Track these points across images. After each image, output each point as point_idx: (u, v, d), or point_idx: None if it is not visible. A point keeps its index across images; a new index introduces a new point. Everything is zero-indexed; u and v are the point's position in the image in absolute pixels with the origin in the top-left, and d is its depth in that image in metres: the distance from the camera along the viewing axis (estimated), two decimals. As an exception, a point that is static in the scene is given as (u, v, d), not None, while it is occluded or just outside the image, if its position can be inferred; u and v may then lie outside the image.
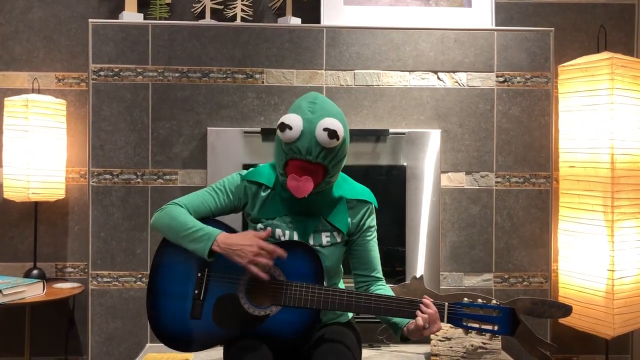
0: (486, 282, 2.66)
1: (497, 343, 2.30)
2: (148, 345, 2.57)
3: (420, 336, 1.75)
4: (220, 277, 1.84)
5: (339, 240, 1.93)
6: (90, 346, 2.59)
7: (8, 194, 2.68)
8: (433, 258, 2.59)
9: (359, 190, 1.97)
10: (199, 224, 1.82)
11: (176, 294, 1.86)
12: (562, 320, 2.56)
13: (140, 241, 2.61)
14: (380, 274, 1.99)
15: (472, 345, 2.30)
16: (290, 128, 1.76)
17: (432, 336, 2.34)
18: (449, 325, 1.81)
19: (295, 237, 1.90)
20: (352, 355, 1.80)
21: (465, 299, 1.77)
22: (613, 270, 2.43)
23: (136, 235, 2.60)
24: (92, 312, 2.60)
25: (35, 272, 2.70)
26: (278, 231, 1.90)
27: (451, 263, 2.65)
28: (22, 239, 2.81)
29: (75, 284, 2.70)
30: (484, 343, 2.30)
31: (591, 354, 2.89)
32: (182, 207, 1.88)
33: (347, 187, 1.97)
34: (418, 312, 1.73)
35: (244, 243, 1.76)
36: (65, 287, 2.65)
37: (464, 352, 2.30)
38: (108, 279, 2.61)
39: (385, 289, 1.97)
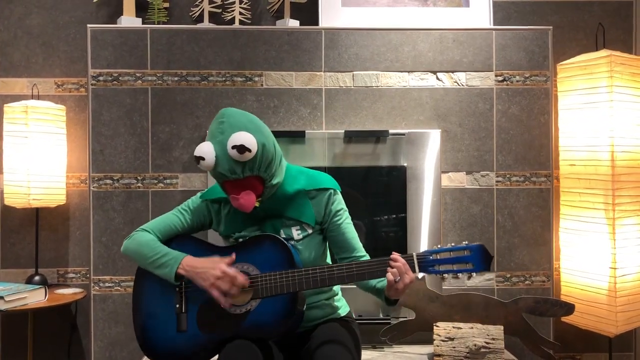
0: (488, 281, 2.66)
1: (500, 343, 2.29)
2: (151, 349, 2.57)
3: (398, 293, 1.77)
4: (198, 287, 1.85)
5: (310, 231, 1.95)
6: (93, 351, 2.59)
7: (9, 201, 2.68)
8: (435, 258, 2.59)
9: (318, 179, 1.97)
10: (164, 250, 1.88)
11: (160, 313, 1.90)
12: (564, 319, 2.56)
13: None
14: (361, 252, 2.00)
15: (475, 345, 2.29)
16: (203, 159, 1.79)
17: (435, 336, 2.34)
18: (424, 274, 1.82)
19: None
20: (352, 356, 1.81)
21: (435, 245, 1.79)
22: (615, 268, 2.42)
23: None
24: (95, 318, 2.59)
25: (37, 278, 2.70)
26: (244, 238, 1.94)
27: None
28: (23, 245, 2.81)
29: (77, 290, 2.70)
30: (487, 343, 2.29)
31: (594, 352, 2.88)
32: (149, 232, 1.94)
33: (304, 179, 1.97)
34: (388, 269, 1.75)
35: (208, 266, 1.81)
36: (67, 293, 2.65)
37: (467, 352, 2.30)
38: (110, 284, 2.61)
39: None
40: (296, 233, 1.94)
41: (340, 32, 2.65)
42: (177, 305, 1.88)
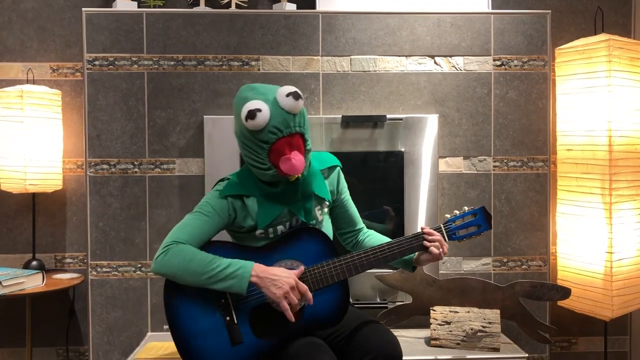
0: (485, 266, 2.67)
1: (496, 327, 2.31)
2: (149, 334, 2.58)
3: (436, 261, 1.91)
4: (243, 295, 1.80)
5: (326, 210, 1.98)
6: (91, 336, 2.60)
7: (5, 186, 2.67)
8: (432, 243, 2.59)
9: (325, 158, 2.00)
10: (225, 260, 1.75)
11: (208, 330, 1.80)
12: (561, 303, 2.57)
13: (139, 231, 2.60)
14: (361, 224, 2.08)
15: (471, 329, 2.31)
16: (260, 110, 1.72)
17: (431, 320, 2.35)
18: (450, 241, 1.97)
19: (296, 222, 1.92)
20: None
21: (446, 215, 1.96)
22: (611, 253, 2.43)
23: (135, 224, 2.60)
24: (92, 302, 2.60)
25: (34, 263, 2.70)
26: (280, 228, 1.91)
27: (450, 248, 2.64)
28: (20, 231, 2.81)
29: (75, 275, 2.70)
30: (483, 327, 2.31)
31: (590, 335, 2.90)
32: (186, 244, 1.78)
33: (315, 159, 1.98)
34: (426, 243, 1.87)
35: (282, 274, 1.74)
36: (65, 278, 2.65)
37: (464, 336, 2.31)
38: (107, 269, 2.61)
39: (374, 234, 2.06)
40: (318, 214, 1.95)
41: (337, 15, 2.63)
42: (228, 318, 1.79)
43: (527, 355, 2.29)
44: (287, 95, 1.74)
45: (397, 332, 2.51)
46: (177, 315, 1.80)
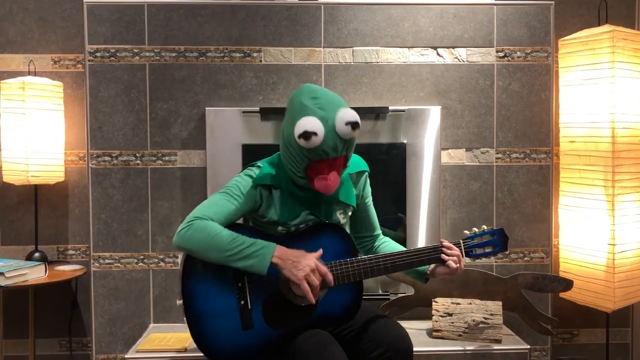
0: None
1: (498, 318, 2.31)
2: (151, 325, 2.59)
3: (452, 276, 1.92)
4: (260, 281, 1.81)
5: (349, 214, 1.99)
6: (94, 327, 2.61)
7: (7, 178, 2.67)
8: (434, 235, 2.59)
9: (355, 162, 2.00)
10: (247, 239, 1.75)
11: (221, 312, 1.80)
12: (563, 295, 2.57)
13: (141, 222, 2.61)
14: (379, 230, 2.09)
15: (473, 321, 2.31)
16: (316, 134, 1.69)
17: (433, 312, 2.36)
18: (467, 258, 2.00)
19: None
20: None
21: (466, 231, 1.99)
22: (614, 244, 2.43)
23: (137, 216, 2.60)
24: (95, 294, 2.61)
25: (37, 254, 2.71)
26: (301, 225, 1.92)
27: (452, 239, 2.64)
28: (23, 222, 2.81)
29: (77, 266, 2.71)
30: (485, 318, 2.31)
31: (592, 327, 2.91)
32: (211, 220, 1.77)
33: None
34: (444, 257, 1.88)
35: (303, 258, 1.74)
36: (68, 270, 2.65)
37: (466, 328, 2.32)
38: (110, 261, 2.61)
39: (390, 241, 2.07)
40: (341, 217, 1.95)
41: (339, 6, 2.62)
42: (242, 302, 1.79)
43: (529, 346, 2.29)
44: (347, 124, 1.72)
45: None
46: (192, 292, 1.80)
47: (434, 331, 2.35)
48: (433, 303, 2.37)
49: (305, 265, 1.71)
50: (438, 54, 2.65)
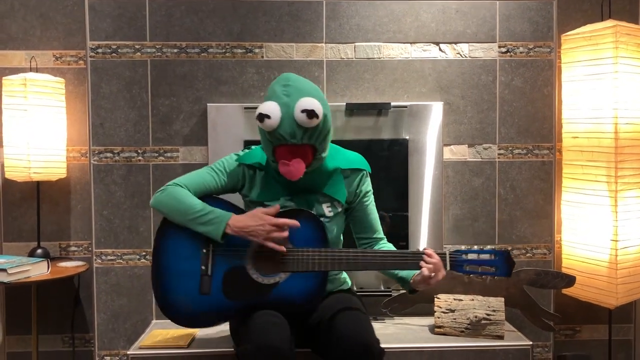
0: (489, 254, 2.66)
1: (500, 314, 2.31)
2: (154, 321, 2.59)
3: (427, 286, 1.85)
4: (226, 251, 1.86)
5: (339, 209, 1.97)
6: (96, 323, 2.61)
7: (9, 174, 2.67)
8: (436, 231, 2.59)
9: (352, 159, 1.99)
10: (208, 207, 1.84)
11: (183, 272, 1.88)
12: (565, 291, 2.57)
13: (143, 219, 2.61)
14: (381, 234, 2.06)
15: (476, 317, 2.31)
16: (269, 117, 1.77)
17: (436, 308, 2.36)
18: (452, 271, 1.92)
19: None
20: (368, 319, 1.85)
21: (463, 246, 1.85)
22: (617, 241, 2.42)
23: (139, 212, 2.60)
24: (97, 290, 2.61)
25: (39, 251, 2.71)
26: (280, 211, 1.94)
27: (454, 236, 2.65)
28: (25, 219, 2.82)
29: (80, 263, 2.71)
30: (487, 315, 2.31)
31: (594, 323, 2.90)
32: (183, 188, 1.89)
33: (340, 157, 1.99)
34: (422, 263, 1.82)
35: (255, 224, 1.80)
36: (70, 266, 2.66)
37: (468, 324, 2.31)
38: (112, 257, 2.62)
39: (388, 246, 2.03)
40: (327, 210, 1.95)
41: (341, 2, 2.61)
42: (203, 267, 1.86)
43: (531, 343, 2.29)
44: (302, 111, 1.76)
45: (401, 320, 2.52)
46: (162, 248, 1.91)
47: (436, 327, 2.35)
48: (435, 299, 2.37)
49: (261, 232, 1.79)
50: (440, 49, 2.64)
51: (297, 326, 1.89)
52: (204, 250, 1.87)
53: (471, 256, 1.87)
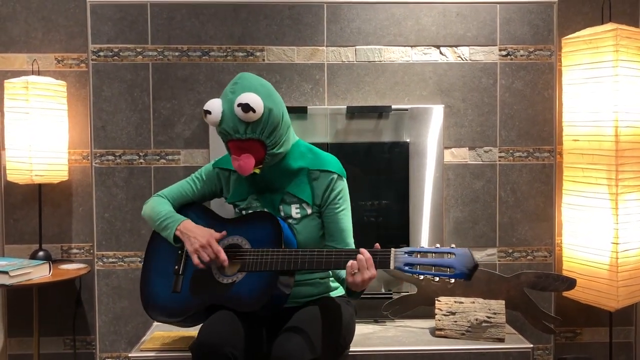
0: (490, 256, 2.67)
1: (501, 317, 2.31)
2: (155, 324, 2.59)
3: (356, 287, 1.74)
4: (173, 244, 1.98)
5: (309, 212, 1.96)
6: (98, 326, 2.62)
7: (11, 177, 2.68)
8: (437, 234, 2.59)
9: (324, 161, 1.97)
10: (169, 213, 1.99)
11: (162, 271, 2.00)
12: (566, 294, 2.57)
13: (144, 221, 2.59)
14: (349, 245, 1.98)
15: (476, 320, 2.31)
16: (210, 112, 1.85)
17: (436, 310, 2.36)
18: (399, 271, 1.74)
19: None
20: (309, 346, 1.76)
21: (422, 245, 1.77)
22: (617, 243, 2.42)
23: (140, 215, 2.60)
24: (99, 293, 2.62)
25: (41, 253, 2.72)
26: (248, 209, 2.02)
27: (455, 238, 2.65)
28: (27, 221, 2.82)
29: (81, 265, 2.71)
30: (488, 317, 2.31)
31: (595, 326, 2.90)
32: (162, 197, 2.05)
33: (311, 157, 1.97)
34: (350, 261, 1.73)
35: (199, 234, 1.90)
36: (71, 268, 2.66)
37: (469, 327, 2.32)
38: (113, 260, 2.62)
39: None
40: (295, 212, 1.96)
41: (342, 5, 2.62)
42: (176, 267, 1.97)
43: (532, 345, 2.29)
44: (238, 105, 1.81)
45: (402, 323, 2.53)
46: (150, 251, 2.06)
47: (437, 330, 2.35)
48: (436, 302, 2.38)
49: (196, 241, 1.88)
50: (441, 52, 2.65)
51: (271, 331, 1.91)
52: (179, 252, 1.98)
53: (424, 255, 1.69)
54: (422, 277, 1.77)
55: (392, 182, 2.58)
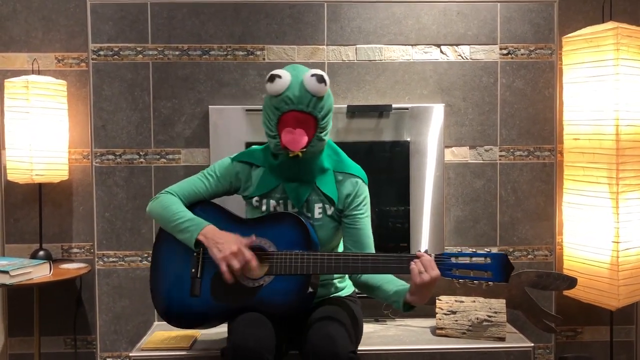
0: (491, 255, 2.66)
1: (502, 316, 2.31)
2: (155, 323, 2.60)
3: (422, 293, 1.73)
4: (193, 250, 1.90)
5: (329, 212, 1.95)
6: (99, 325, 2.62)
7: (12, 176, 2.68)
8: (437, 233, 2.59)
9: (349, 165, 1.99)
10: (188, 215, 1.89)
11: (175, 274, 1.93)
12: (566, 293, 2.57)
13: (145, 221, 2.61)
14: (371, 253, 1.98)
15: (477, 319, 2.31)
16: (280, 77, 1.81)
17: (437, 310, 2.36)
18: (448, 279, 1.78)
19: (289, 206, 1.94)
20: (347, 333, 1.79)
21: (461, 248, 1.76)
22: (618, 242, 2.42)
23: (141, 215, 2.61)
24: (99, 292, 2.62)
25: (41, 253, 2.72)
26: (272, 202, 1.95)
27: (455, 238, 2.65)
28: (27, 221, 2.82)
29: (82, 265, 2.71)
30: (489, 316, 2.31)
31: (596, 325, 2.90)
32: (174, 195, 1.95)
33: (337, 160, 1.99)
34: (412, 264, 1.73)
35: (228, 240, 1.82)
36: (72, 268, 2.66)
37: (469, 326, 2.32)
38: (114, 259, 2.62)
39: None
40: (318, 211, 1.94)
41: (342, 4, 2.62)
42: (193, 270, 1.90)
43: (532, 344, 2.29)
44: (312, 75, 1.81)
45: (402, 322, 2.52)
46: (158, 253, 1.97)
47: (438, 329, 2.35)
48: (437, 301, 2.37)
49: (227, 248, 1.79)
50: (441, 51, 2.64)
51: (287, 330, 1.90)
52: (195, 254, 1.91)
53: (462, 259, 1.72)
54: (461, 281, 1.73)
55: (393, 181, 2.58)
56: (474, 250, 1.75)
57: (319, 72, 1.83)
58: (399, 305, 1.83)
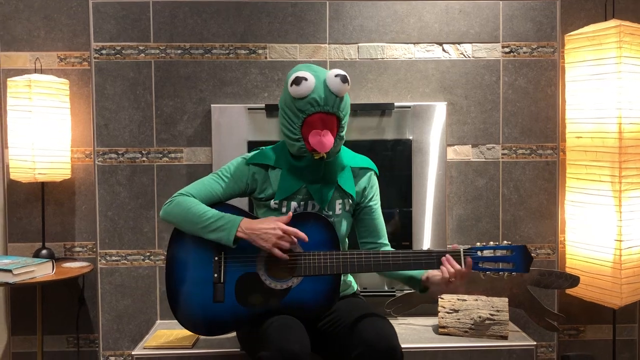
0: (493, 254, 2.66)
1: (504, 315, 2.31)
2: (158, 322, 2.60)
3: (444, 289, 1.81)
4: (237, 258, 1.86)
5: (347, 207, 1.96)
6: (101, 324, 2.62)
7: (14, 175, 2.68)
8: (440, 231, 2.59)
9: (360, 158, 2.01)
10: (217, 213, 1.84)
11: (196, 281, 1.87)
12: (569, 291, 2.57)
13: (147, 219, 2.61)
14: (386, 240, 2.03)
15: (479, 317, 2.31)
16: (306, 79, 1.79)
17: (439, 308, 2.36)
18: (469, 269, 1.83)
19: (309, 206, 1.93)
20: (392, 325, 1.82)
21: (478, 243, 1.83)
22: (621, 241, 2.42)
23: (143, 213, 2.61)
24: (102, 291, 2.62)
25: (44, 252, 2.72)
26: (293, 204, 1.92)
27: (458, 236, 2.65)
28: (30, 220, 2.83)
29: (84, 263, 2.72)
30: (491, 315, 2.31)
31: (598, 323, 2.90)
32: (190, 197, 1.89)
33: (349, 156, 2.00)
34: (442, 268, 1.78)
35: (268, 227, 1.78)
36: (75, 267, 2.66)
37: (472, 324, 2.32)
38: (116, 258, 2.62)
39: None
40: (338, 207, 1.95)
41: (344, 2, 2.61)
42: (216, 275, 1.86)
43: (535, 343, 2.29)
44: (336, 75, 1.81)
45: (405, 320, 2.52)
46: (174, 260, 1.91)
47: (440, 327, 2.35)
48: (439, 299, 2.37)
49: (272, 236, 1.77)
50: (444, 49, 2.64)
51: (309, 330, 1.89)
52: (216, 258, 1.87)
53: (487, 253, 1.80)
54: (487, 273, 1.80)
55: (395, 179, 2.58)
56: (495, 243, 1.82)
57: (341, 72, 1.83)
58: (415, 287, 1.91)
